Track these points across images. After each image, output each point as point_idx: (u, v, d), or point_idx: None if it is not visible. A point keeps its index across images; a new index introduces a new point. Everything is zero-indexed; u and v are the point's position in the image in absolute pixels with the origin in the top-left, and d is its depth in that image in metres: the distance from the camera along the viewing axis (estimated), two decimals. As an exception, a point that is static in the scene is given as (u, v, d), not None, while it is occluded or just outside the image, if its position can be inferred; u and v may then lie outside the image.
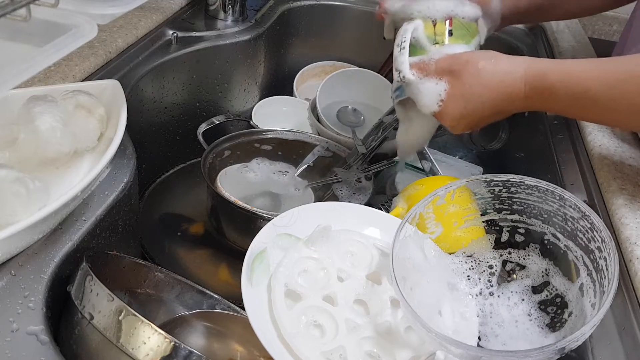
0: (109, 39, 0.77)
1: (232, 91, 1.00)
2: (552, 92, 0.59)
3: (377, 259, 0.57)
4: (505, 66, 0.62)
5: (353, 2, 1.13)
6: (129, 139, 0.64)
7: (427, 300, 0.52)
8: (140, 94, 0.81)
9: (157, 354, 0.44)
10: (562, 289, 0.54)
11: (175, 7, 0.93)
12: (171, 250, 0.80)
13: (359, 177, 0.82)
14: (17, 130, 0.56)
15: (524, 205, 0.56)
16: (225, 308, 0.66)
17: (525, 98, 0.61)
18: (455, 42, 0.70)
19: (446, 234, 0.59)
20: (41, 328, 0.45)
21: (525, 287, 0.56)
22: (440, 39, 0.70)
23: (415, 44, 0.69)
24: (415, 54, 0.68)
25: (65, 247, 0.51)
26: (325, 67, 1.13)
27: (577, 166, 0.71)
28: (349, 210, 0.62)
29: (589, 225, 0.50)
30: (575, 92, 0.58)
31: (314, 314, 0.51)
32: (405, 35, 0.68)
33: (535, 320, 0.53)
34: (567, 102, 0.59)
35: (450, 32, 0.70)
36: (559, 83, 0.59)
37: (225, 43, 0.94)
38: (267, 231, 0.56)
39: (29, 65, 0.45)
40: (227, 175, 0.82)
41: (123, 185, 0.59)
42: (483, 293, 0.56)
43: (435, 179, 0.71)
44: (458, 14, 0.71)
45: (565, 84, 0.58)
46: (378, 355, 0.50)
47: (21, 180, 0.48)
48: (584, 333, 0.44)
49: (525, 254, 0.57)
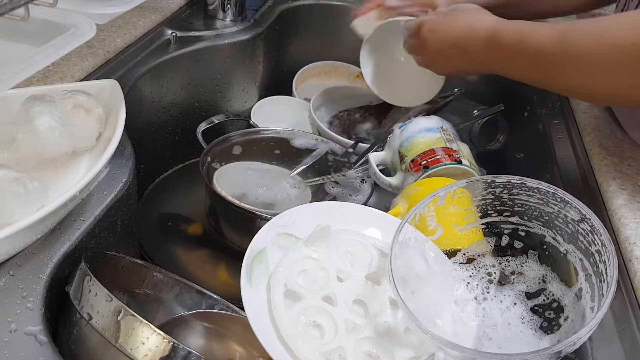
0: (108, 38, 0.77)
1: (231, 91, 1.00)
2: (506, 46, 0.64)
3: (377, 259, 0.57)
4: (477, 14, 0.70)
5: (352, 2, 1.13)
6: (127, 138, 0.64)
7: (427, 304, 0.52)
8: (139, 94, 0.81)
9: (155, 354, 0.44)
10: (559, 294, 0.53)
11: (174, 7, 0.93)
12: (170, 251, 0.80)
13: (360, 177, 0.82)
14: (15, 130, 0.55)
15: (525, 207, 0.56)
16: (224, 308, 0.65)
17: (484, 54, 0.67)
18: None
19: (446, 236, 0.59)
20: (40, 328, 0.45)
21: (519, 292, 0.56)
22: None
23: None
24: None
25: (63, 247, 0.51)
26: (325, 67, 1.13)
27: (577, 166, 0.71)
28: (348, 210, 0.62)
29: (589, 228, 0.50)
30: (529, 50, 0.61)
31: (313, 314, 0.51)
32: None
33: (528, 323, 0.53)
34: (523, 62, 0.63)
35: None
36: (512, 39, 0.63)
37: (224, 43, 0.94)
38: (266, 231, 0.56)
39: (27, 65, 0.45)
40: (224, 174, 0.82)
41: (122, 185, 0.59)
42: (477, 298, 0.56)
43: (435, 179, 0.71)
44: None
45: (519, 40, 0.62)
46: (377, 356, 0.50)
47: (19, 180, 0.48)
48: (580, 337, 0.44)
49: (523, 261, 0.57)
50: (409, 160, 0.75)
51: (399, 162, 0.78)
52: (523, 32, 0.63)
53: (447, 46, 0.72)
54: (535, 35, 0.61)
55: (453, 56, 0.73)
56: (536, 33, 0.61)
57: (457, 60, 0.73)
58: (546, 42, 0.60)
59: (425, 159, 0.73)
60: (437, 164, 0.72)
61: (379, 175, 0.78)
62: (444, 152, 0.74)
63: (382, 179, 0.78)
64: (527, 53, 0.62)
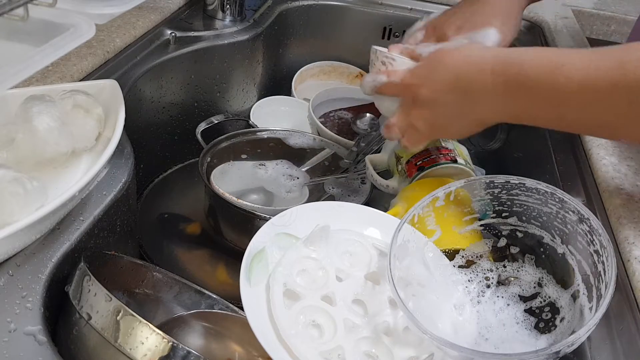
0: (107, 38, 0.77)
1: (230, 91, 1.00)
2: (532, 80, 0.49)
3: (376, 259, 0.57)
4: (472, 46, 0.57)
5: (351, 2, 1.13)
6: (127, 138, 0.64)
7: (428, 310, 0.52)
8: (139, 94, 0.81)
9: (155, 354, 0.44)
10: (555, 296, 0.54)
11: (174, 7, 0.93)
12: (169, 250, 0.80)
13: (360, 179, 0.82)
14: (14, 130, 0.55)
15: (524, 207, 0.56)
16: (224, 308, 0.66)
17: (494, 90, 0.51)
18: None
19: (445, 237, 0.59)
20: (39, 328, 0.45)
21: (512, 294, 0.56)
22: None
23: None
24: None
25: (63, 247, 0.51)
26: (324, 67, 1.13)
27: (575, 166, 0.71)
28: (348, 210, 0.62)
29: (588, 228, 0.50)
30: (571, 85, 0.47)
31: (312, 314, 0.51)
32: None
33: (522, 323, 0.53)
34: (562, 100, 0.49)
35: None
36: (540, 68, 0.49)
37: (224, 43, 0.94)
38: (265, 230, 0.56)
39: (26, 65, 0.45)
40: (224, 174, 0.82)
41: (121, 185, 0.59)
42: (472, 300, 0.56)
43: (435, 179, 0.71)
44: None
45: (551, 70, 0.48)
46: (376, 356, 0.50)
47: (19, 180, 0.48)
48: (579, 336, 0.44)
49: (519, 266, 0.57)
50: (404, 161, 0.75)
51: (395, 163, 0.78)
52: (554, 60, 0.48)
53: (443, 92, 0.56)
54: (574, 64, 0.47)
55: (451, 105, 0.56)
56: (574, 61, 0.47)
57: (457, 110, 0.57)
58: (597, 74, 0.46)
59: (420, 160, 0.73)
60: (432, 164, 0.72)
61: (375, 177, 0.78)
62: (438, 152, 0.73)
63: (380, 180, 0.78)
64: (567, 88, 0.48)
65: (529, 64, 0.50)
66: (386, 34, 1.13)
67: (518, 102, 0.52)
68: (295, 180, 0.84)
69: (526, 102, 0.51)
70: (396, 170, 0.77)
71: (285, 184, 0.83)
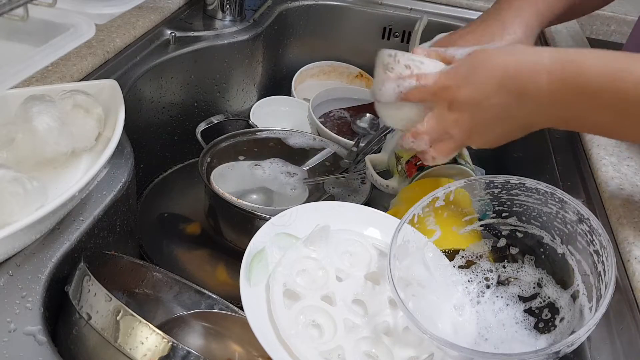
0: (107, 38, 0.77)
1: (230, 91, 1.00)
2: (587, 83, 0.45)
3: (376, 259, 0.57)
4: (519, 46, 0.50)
5: (351, 2, 1.13)
6: (126, 138, 0.64)
7: (428, 310, 0.52)
8: (138, 94, 0.81)
9: (155, 354, 0.44)
10: (554, 296, 0.54)
11: (173, 7, 0.93)
12: (169, 250, 0.80)
13: (360, 179, 0.82)
14: (14, 130, 0.55)
15: (523, 207, 0.56)
16: (224, 308, 0.65)
17: (549, 93, 0.47)
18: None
19: (445, 237, 0.59)
20: (39, 328, 0.45)
21: (511, 294, 0.56)
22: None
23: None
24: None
25: (63, 247, 0.51)
26: (323, 67, 1.13)
27: (575, 166, 0.71)
28: (348, 210, 0.62)
29: (588, 228, 0.50)
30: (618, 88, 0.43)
31: (312, 314, 0.51)
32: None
33: (522, 323, 0.53)
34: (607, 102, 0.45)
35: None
36: (602, 73, 0.44)
37: (224, 43, 0.94)
38: (265, 230, 0.56)
39: (26, 65, 0.45)
40: (223, 174, 0.82)
41: (121, 185, 0.59)
42: (472, 301, 0.56)
43: (434, 179, 0.71)
44: None
45: (613, 76, 0.44)
46: (376, 356, 0.50)
47: (19, 180, 0.48)
48: (579, 336, 0.44)
49: (519, 267, 0.57)
50: (404, 161, 0.75)
51: (395, 163, 0.78)
52: (616, 65, 0.45)
53: (487, 94, 0.50)
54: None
55: (496, 108, 0.51)
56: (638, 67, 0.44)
57: (504, 114, 0.51)
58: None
59: (420, 160, 0.73)
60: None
61: (375, 177, 0.78)
62: None
63: (380, 180, 0.77)
64: (634, 96, 0.45)
65: (589, 67, 0.46)
66: (386, 34, 1.13)
67: (573, 107, 0.48)
68: (295, 176, 0.84)
69: (583, 107, 0.48)
70: (396, 170, 0.77)
71: (287, 182, 0.83)
